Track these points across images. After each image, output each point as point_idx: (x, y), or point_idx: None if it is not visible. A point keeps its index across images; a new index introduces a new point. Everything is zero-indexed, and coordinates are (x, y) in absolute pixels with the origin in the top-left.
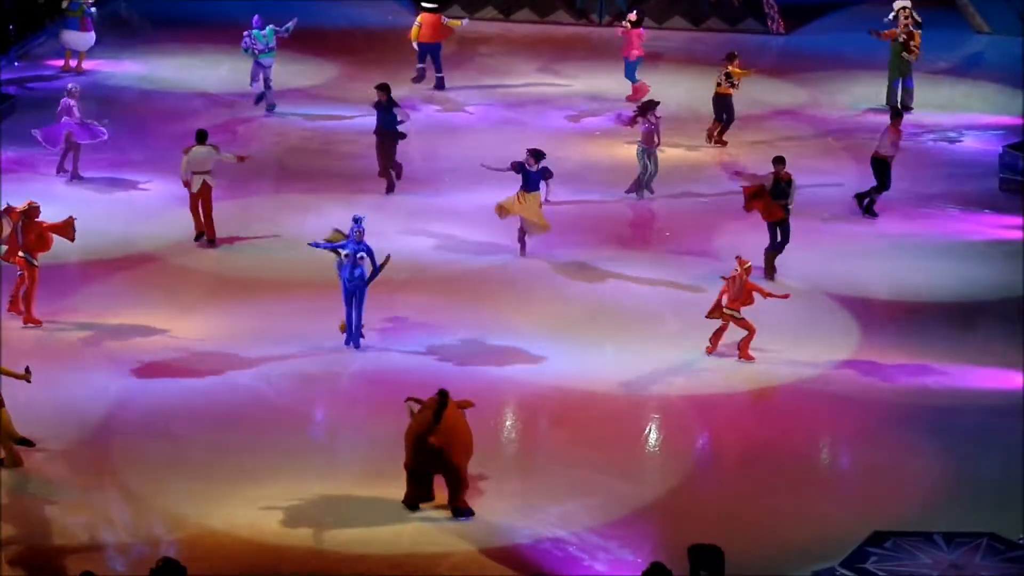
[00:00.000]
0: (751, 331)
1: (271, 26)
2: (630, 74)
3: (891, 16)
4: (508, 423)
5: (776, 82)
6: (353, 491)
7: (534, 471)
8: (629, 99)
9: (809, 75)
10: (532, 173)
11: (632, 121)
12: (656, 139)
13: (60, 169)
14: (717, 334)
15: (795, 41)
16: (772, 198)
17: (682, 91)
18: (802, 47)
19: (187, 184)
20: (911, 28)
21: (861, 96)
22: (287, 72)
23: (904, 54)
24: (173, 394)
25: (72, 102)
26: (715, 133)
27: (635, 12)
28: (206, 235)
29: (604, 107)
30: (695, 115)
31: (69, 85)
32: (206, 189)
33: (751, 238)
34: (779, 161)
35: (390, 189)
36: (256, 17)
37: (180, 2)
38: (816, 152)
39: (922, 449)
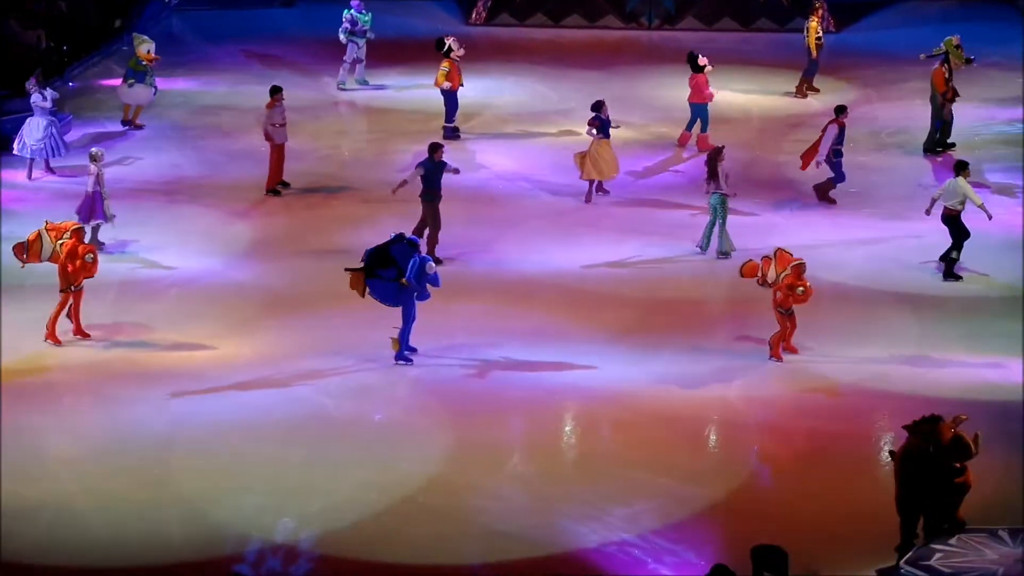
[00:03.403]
0: (783, 329)
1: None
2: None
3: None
4: (568, 428)
5: (827, 80)
6: (418, 500)
7: (596, 475)
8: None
9: (860, 72)
10: (605, 121)
11: (711, 178)
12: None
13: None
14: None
15: (845, 39)
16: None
17: (732, 93)
18: (853, 45)
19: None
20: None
21: (911, 91)
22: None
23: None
24: (232, 409)
25: (96, 169)
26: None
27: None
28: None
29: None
30: (746, 115)
31: (93, 150)
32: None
33: (804, 235)
34: (841, 110)
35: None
36: (356, 1)
37: (232, 19)
38: (868, 148)
39: (985, 444)
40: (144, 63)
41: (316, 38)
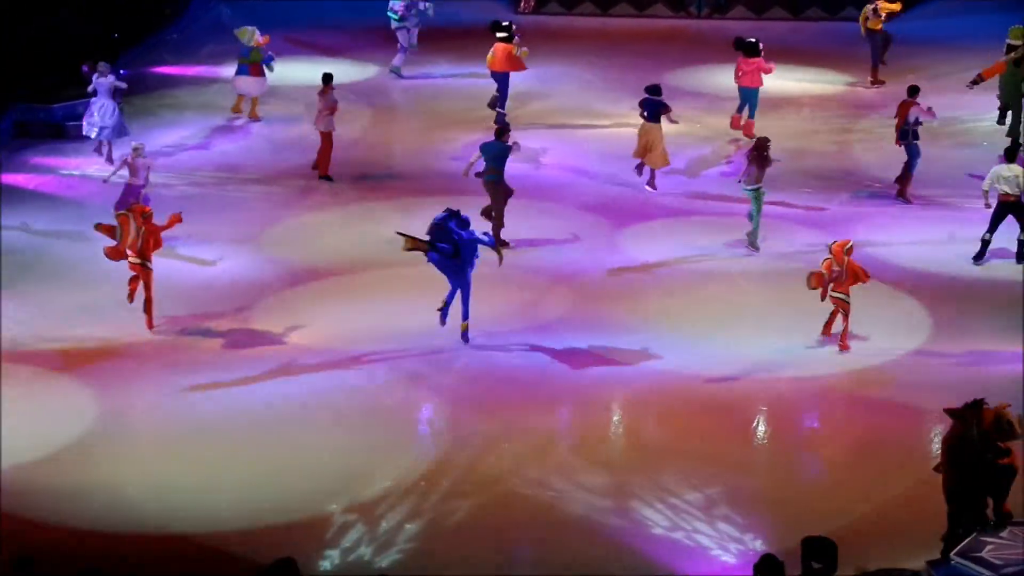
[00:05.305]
0: (846, 316)
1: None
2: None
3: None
4: (617, 418)
5: (880, 68)
6: (463, 488)
7: (647, 464)
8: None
9: (913, 61)
10: (654, 104)
11: (758, 164)
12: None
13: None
14: (831, 320)
15: (897, 28)
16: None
17: (782, 82)
18: (905, 34)
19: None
20: None
21: (964, 81)
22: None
23: None
24: (282, 394)
25: (141, 161)
26: (873, 76)
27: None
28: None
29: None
30: (796, 105)
31: (135, 143)
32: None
33: (854, 227)
34: (914, 91)
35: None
36: None
37: (280, 8)
38: (921, 137)
39: None
40: (255, 47)
41: (364, 27)
